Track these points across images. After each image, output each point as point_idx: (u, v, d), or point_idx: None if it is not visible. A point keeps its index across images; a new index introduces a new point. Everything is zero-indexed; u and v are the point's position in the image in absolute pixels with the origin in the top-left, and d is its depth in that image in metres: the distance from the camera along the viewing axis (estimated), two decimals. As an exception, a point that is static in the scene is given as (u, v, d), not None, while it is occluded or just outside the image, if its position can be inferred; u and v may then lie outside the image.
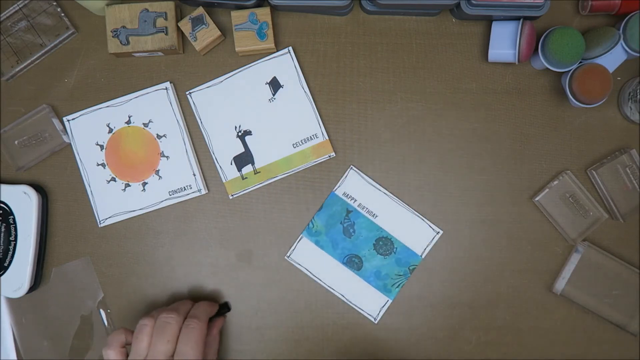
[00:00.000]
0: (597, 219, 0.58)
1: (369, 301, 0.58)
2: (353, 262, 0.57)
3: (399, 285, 0.57)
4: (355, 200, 0.57)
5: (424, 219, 0.57)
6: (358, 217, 0.57)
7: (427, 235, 0.57)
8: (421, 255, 0.57)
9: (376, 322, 0.58)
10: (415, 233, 0.57)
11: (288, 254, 0.58)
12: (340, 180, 0.57)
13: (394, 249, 0.57)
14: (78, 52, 0.60)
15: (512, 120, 0.59)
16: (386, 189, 0.58)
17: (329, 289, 0.58)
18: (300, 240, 0.58)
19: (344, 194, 0.57)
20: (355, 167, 0.57)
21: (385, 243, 0.57)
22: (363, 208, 0.57)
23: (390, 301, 0.58)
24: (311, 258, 0.58)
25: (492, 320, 0.58)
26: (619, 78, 0.59)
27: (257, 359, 0.59)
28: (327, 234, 0.57)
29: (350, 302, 0.58)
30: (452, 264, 0.59)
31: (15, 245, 0.57)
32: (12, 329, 0.59)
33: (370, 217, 0.57)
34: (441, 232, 0.58)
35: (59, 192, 0.60)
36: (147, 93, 0.59)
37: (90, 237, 0.60)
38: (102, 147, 0.59)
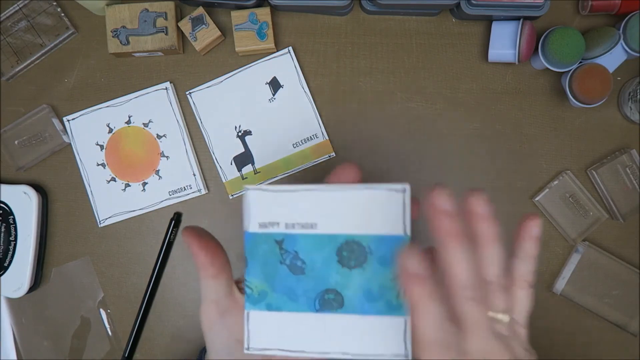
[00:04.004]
0: (597, 219, 0.58)
1: (382, 338, 0.38)
2: (329, 302, 0.38)
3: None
4: (278, 224, 0.39)
5: (380, 186, 0.37)
6: (295, 242, 0.38)
7: (396, 202, 0.37)
8: (405, 232, 0.37)
9: (409, 357, 0.36)
10: (381, 211, 0.38)
11: (246, 345, 0.37)
12: (246, 214, 0.39)
13: (367, 250, 0.38)
14: (78, 52, 0.60)
15: (512, 120, 0.59)
16: (304, 184, 0.38)
17: (322, 355, 0.38)
18: (248, 319, 0.37)
19: (260, 225, 0.39)
20: (253, 187, 0.38)
21: (350, 251, 0.38)
22: (293, 226, 0.39)
23: (408, 318, 0.37)
24: (275, 332, 0.38)
25: (492, 320, 0.58)
26: (619, 78, 0.59)
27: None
28: (275, 288, 0.38)
29: (359, 356, 0.38)
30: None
31: (15, 245, 0.57)
32: (12, 329, 0.59)
33: (310, 231, 0.38)
34: None
35: (59, 192, 0.60)
36: (147, 93, 0.59)
37: (90, 237, 0.60)
38: (102, 147, 0.59)
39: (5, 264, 0.57)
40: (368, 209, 0.38)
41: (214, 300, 0.35)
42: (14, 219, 0.57)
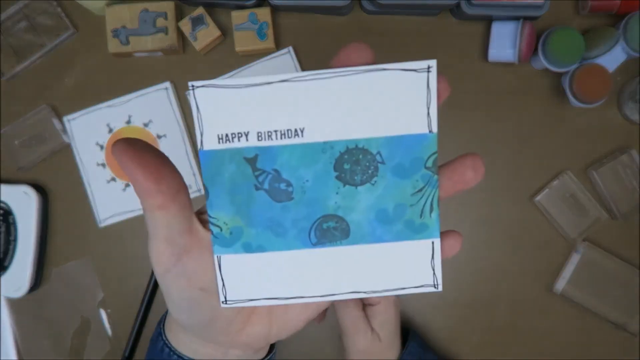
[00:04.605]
0: (597, 219, 0.58)
1: (402, 268, 0.28)
2: (329, 232, 0.27)
3: (431, 206, 0.27)
4: (246, 135, 0.26)
5: (392, 66, 0.26)
6: (275, 157, 0.27)
7: (416, 86, 0.28)
8: (429, 129, 0.28)
9: (439, 288, 0.27)
10: (395, 101, 0.27)
11: (223, 298, 0.27)
12: (198, 124, 0.26)
13: (378, 159, 0.27)
14: (78, 52, 0.60)
15: (512, 120, 0.59)
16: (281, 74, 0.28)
17: (326, 299, 0.28)
18: (220, 266, 0.27)
19: (220, 139, 0.26)
20: (202, 83, 0.26)
21: (354, 162, 0.27)
22: (270, 136, 0.27)
23: (436, 241, 0.27)
24: (260, 278, 0.28)
25: (492, 320, 0.59)
26: (618, 78, 0.59)
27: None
28: (252, 222, 0.27)
29: (374, 292, 0.28)
30: (452, 263, 0.59)
31: (15, 245, 0.57)
32: (12, 329, 0.60)
33: (295, 140, 0.27)
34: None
35: (59, 192, 0.60)
36: (147, 93, 0.59)
37: (90, 237, 0.60)
38: (102, 147, 0.59)
39: (5, 264, 0.57)
40: (376, 101, 0.27)
41: (166, 238, 0.25)
42: (14, 219, 0.57)
